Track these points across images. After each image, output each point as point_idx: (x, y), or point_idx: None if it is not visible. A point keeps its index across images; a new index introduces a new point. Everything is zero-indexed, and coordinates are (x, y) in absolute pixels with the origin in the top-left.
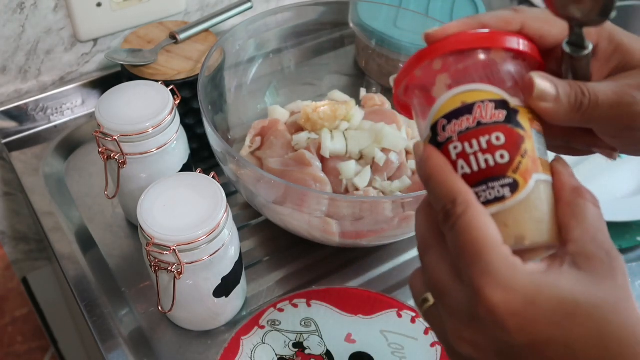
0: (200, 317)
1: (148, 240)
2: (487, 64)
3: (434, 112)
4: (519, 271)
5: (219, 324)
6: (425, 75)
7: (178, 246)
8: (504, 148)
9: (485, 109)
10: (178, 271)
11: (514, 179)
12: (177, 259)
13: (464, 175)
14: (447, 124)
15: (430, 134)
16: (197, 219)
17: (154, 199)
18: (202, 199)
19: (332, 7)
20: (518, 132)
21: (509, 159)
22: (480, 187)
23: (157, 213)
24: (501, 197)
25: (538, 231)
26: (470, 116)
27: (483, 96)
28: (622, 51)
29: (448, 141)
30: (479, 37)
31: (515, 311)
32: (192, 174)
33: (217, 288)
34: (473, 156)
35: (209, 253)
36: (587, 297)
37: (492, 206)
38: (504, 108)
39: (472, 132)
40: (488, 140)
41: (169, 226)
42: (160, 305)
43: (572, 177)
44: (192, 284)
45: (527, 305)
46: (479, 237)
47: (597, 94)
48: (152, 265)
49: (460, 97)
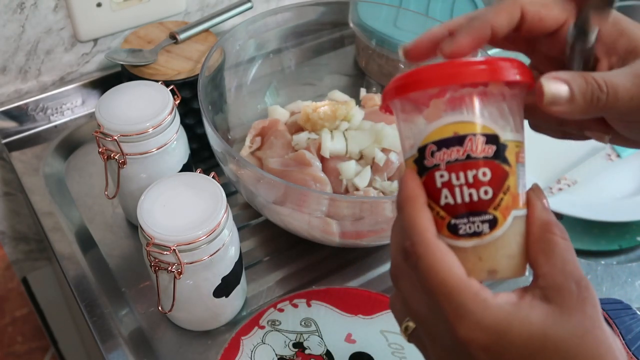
0: (200, 317)
1: (148, 240)
2: (483, 95)
3: (424, 135)
4: (489, 307)
5: (219, 324)
6: (420, 96)
7: (178, 246)
8: (489, 184)
9: (476, 143)
10: (178, 271)
11: (493, 216)
12: (177, 259)
13: (447, 205)
14: (436, 151)
15: (416, 155)
16: (197, 219)
17: (154, 199)
18: (202, 199)
19: (332, 7)
20: (504, 168)
21: (492, 196)
22: (461, 219)
23: (157, 213)
24: (479, 233)
25: (509, 266)
26: (460, 148)
27: (475, 129)
28: (627, 37)
29: (435, 168)
30: (478, 72)
31: (487, 346)
32: (192, 174)
33: (217, 288)
34: (458, 188)
35: (209, 253)
36: (555, 330)
37: (469, 240)
38: (494, 143)
39: (460, 164)
40: (475, 175)
41: (169, 226)
42: (160, 305)
43: (544, 210)
44: (192, 284)
45: (498, 340)
46: (446, 279)
47: (616, 88)
48: (152, 265)
49: (452, 127)
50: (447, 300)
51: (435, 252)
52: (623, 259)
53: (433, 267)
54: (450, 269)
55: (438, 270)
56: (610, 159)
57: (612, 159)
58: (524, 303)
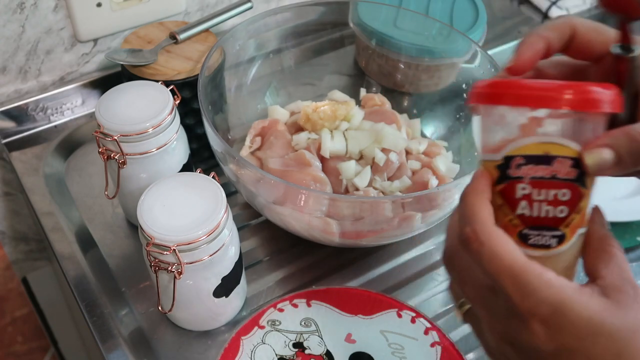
0: (200, 317)
1: (148, 240)
2: (581, 121)
3: (514, 146)
4: (554, 286)
5: (219, 324)
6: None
7: (178, 246)
8: (566, 204)
9: (563, 165)
10: (178, 271)
11: (563, 233)
12: (177, 259)
13: (522, 215)
14: (523, 164)
15: (501, 162)
16: (197, 219)
17: (154, 199)
18: (202, 199)
19: (332, 7)
20: (582, 191)
21: (566, 215)
22: (534, 231)
23: (157, 213)
24: (547, 246)
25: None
26: (548, 167)
27: (565, 152)
28: None
29: (518, 180)
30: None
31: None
32: (192, 174)
33: (217, 288)
34: (537, 203)
35: (209, 253)
36: (612, 320)
37: (537, 250)
38: (578, 167)
39: (545, 182)
40: (556, 194)
41: (169, 226)
42: (160, 305)
43: (603, 227)
44: (192, 284)
45: (559, 317)
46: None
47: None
48: (152, 265)
49: (545, 147)
50: (513, 281)
51: (498, 239)
52: None
53: (498, 253)
54: (514, 253)
55: (503, 255)
56: None
57: None
58: (585, 291)
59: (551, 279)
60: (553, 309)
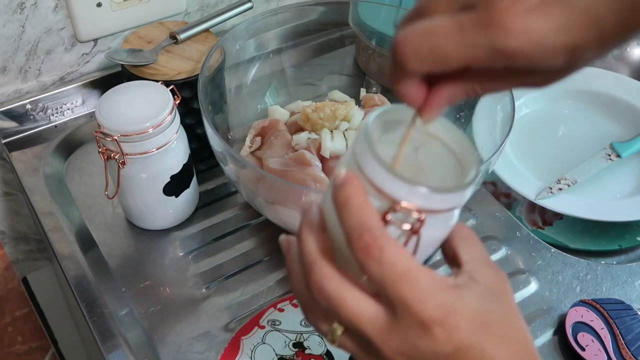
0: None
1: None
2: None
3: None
4: (443, 287)
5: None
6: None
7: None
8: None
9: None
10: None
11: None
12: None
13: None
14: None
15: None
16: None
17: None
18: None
19: (332, 7)
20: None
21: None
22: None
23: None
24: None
25: None
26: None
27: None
28: None
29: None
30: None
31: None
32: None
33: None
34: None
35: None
36: (495, 306)
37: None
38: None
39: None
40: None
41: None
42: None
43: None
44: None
45: (452, 316)
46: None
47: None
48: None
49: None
50: (410, 287)
51: (394, 243)
52: (623, 259)
53: (398, 256)
54: (409, 258)
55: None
56: (610, 158)
57: (612, 158)
58: (462, 283)
59: (439, 280)
60: (447, 309)
